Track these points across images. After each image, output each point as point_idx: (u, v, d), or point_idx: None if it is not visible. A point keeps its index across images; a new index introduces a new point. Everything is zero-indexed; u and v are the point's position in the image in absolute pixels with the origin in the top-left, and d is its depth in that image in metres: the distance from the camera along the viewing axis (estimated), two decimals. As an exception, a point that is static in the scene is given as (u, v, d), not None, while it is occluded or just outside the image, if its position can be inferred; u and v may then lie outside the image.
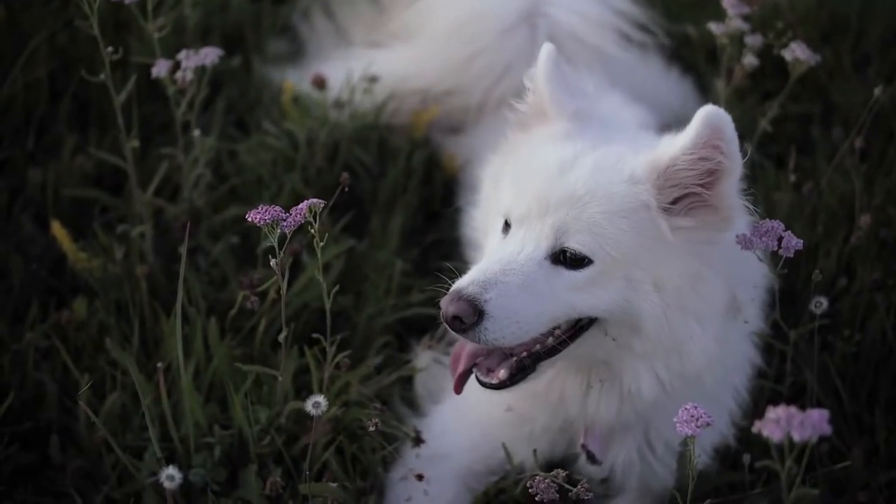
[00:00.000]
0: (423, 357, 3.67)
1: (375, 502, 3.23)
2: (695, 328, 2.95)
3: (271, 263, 2.97)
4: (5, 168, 4.22)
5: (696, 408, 2.64)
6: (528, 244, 2.93)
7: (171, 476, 2.77)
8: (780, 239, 3.00)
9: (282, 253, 2.94)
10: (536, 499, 2.98)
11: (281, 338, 3.13)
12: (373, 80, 4.28)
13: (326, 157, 4.20)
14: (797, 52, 3.77)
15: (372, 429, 3.11)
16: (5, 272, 3.83)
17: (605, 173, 2.94)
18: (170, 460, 3.16)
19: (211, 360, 3.49)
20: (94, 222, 3.96)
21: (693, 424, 2.60)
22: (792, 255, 3.00)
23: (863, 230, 3.71)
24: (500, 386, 3.01)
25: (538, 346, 2.99)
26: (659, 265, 2.91)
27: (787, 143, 4.42)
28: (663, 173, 2.89)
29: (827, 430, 2.27)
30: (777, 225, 3.02)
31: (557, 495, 2.97)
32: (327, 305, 3.10)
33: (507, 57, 4.21)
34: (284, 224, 2.88)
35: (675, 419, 2.67)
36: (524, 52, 4.15)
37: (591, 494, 3.04)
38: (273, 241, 2.91)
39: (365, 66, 4.32)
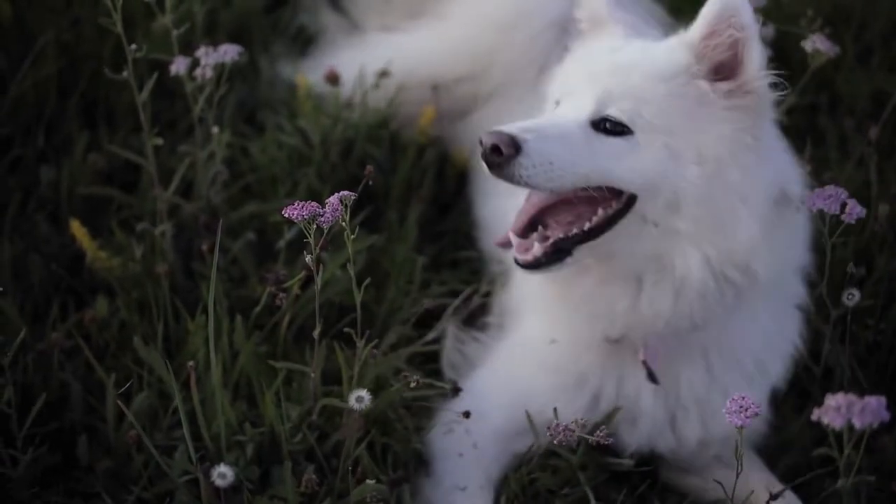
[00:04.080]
0: (449, 333, 3.68)
1: (410, 491, 3.23)
2: (738, 205, 3.00)
3: (307, 259, 2.96)
4: (17, 167, 4.19)
5: (744, 398, 2.65)
6: (572, 111, 3.06)
7: (222, 474, 2.76)
8: (843, 205, 3.09)
9: (317, 249, 2.94)
10: (555, 442, 3.01)
11: (315, 334, 3.13)
12: (384, 74, 4.27)
13: (340, 153, 4.20)
14: (818, 44, 3.78)
15: (413, 385, 3.15)
16: (23, 272, 3.80)
17: (649, 47, 3.12)
18: (202, 459, 3.14)
19: (236, 358, 3.48)
20: (110, 221, 3.93)
21: (743, 415, 2.61)
22: (854, 222, 3.11)
23: (882, 220, 3.73)
24: (534, 264, 3.05)
25: (575, 230, 3.04)
26: (699, 132, 2.99)
27: (795, 134, 4.45)
28: (695, 47, 3.01)
29: (885, 416, 2.29)
30: (840, 191, 3.11)
31: (576, 440, 3.00)
32: (357, 300, 3.09)
33: (530, 55, 4.23)
34: (322, 219, 2.87)
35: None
36: (546, 52, 4.17)
37: (611, 440, 3.06)
38: (310, 237, 2.90)
39: (377, 56, 4.30)
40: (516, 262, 3.09)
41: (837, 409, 2.26)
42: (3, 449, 3.19)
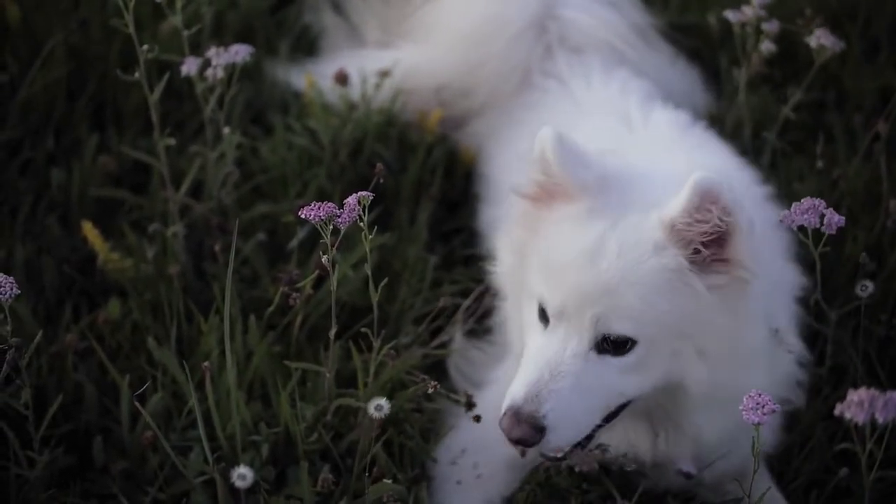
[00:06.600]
0: (457, 339, 3.67)
1: (428, 490, 3.24)
2: (743, 376, 2.96)
3: (323, 260, 2.97)
4: (28, 170, 4.19)
5: (760, 395, 2.65)
6: (572, 339, 2.92)
7: (242, 475, 2.76)
8: (822, 216, 3.03)
9: (333, 249, 2.95)
10: (576, 469, 3.03)
11: (331, 334, 3.13)
12: (385, 74, 4.27)
13: (350, 154, 4.20)
14: (822, 40, 3.79)
15: (431, 391, 3.16)
16: (36, 274, 3.80)
17: (631, 252, 2.90)
18: (217, 460, 3.15)
19: (250, 358, 3.48)
20: (122, 222, 3.94)
21: (759, 412, 2.61)
22: (834, 232, 3.03)
23: (893, 215, 3.73)
24: (563, 458, 3.06)
25: None
26: (699, 332, 2.92)
27: (802, 131, 4.46)
28: (672, 233, 2.88)
29: (909, 410, 2.30)
30: (818, 202, 3.04)
31: (597, 465, 3.03)
32: (374, 299, 3.11)
33: (513, 61, 4.23)
34: (339, 220, 2.88)
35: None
36: (530, 55, 4.21)
37: (633, 466, 3.09)
38: (326, 237, 2.91)
39: (376, 63, 4.31)
40: (544, 456, 3.08)
41: (860, 405, 2.26)
42: (19, 450, 3.19)
